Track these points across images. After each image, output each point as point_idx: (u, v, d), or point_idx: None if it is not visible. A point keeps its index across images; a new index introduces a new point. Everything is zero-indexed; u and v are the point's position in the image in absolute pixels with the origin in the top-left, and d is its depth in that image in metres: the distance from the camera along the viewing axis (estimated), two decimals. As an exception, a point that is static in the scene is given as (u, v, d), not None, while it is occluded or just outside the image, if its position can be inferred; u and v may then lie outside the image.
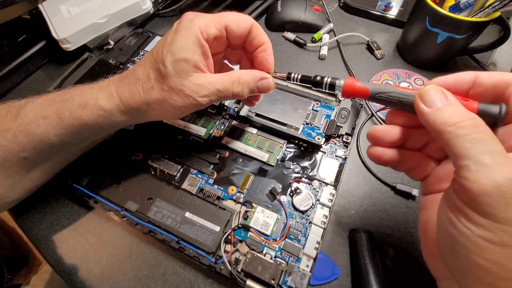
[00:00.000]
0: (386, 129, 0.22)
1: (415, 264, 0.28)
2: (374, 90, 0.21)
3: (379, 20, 0.50)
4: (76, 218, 0.32)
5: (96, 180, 0.32)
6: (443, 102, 0.17)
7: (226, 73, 0.25)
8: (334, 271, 0.28)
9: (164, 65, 0.23)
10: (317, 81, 0.24)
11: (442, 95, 0.18)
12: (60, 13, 0.42)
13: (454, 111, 0.17)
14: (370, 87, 0.21)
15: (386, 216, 0.31)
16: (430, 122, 0.17)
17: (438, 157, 0.22)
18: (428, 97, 0.18)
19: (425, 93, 0.18)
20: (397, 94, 0.20)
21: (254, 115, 0.36)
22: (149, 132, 0.35)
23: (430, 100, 0.18)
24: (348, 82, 0.22)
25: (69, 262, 0.29)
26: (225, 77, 0.25)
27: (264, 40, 0.26)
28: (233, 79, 0.25)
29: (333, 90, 0.24)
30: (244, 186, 0.31)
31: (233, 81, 0.25)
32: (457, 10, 0.37)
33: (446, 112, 0.17)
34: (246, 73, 0.26)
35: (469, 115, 0.16)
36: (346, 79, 0.23)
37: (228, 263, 0.26)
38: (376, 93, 0.21)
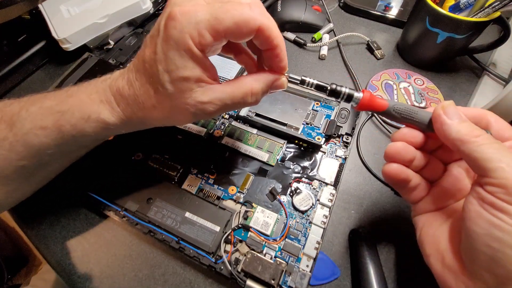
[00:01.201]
0: (404, 147, 0.23)
1: (415, 264, 0.28)
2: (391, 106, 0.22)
3: (379, 20, 0.50)
4: (76, 218, 0.32)
5: (96, 180, 0.32)
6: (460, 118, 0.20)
7: (235, 83, 0.22)
8: (334, 271, 0.28)
9: (163, 87, 0.21)
10: (333, 89, 0.23)
11: (459, 112, 0.20)
12: (60, 13, 0.42)
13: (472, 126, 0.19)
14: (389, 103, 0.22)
15: (386, 216, 0.31)
16: (453, 132, 0.19)
17: (432, 178, 0.24)
18: (450, 111, 0.20)
19: (448, 107, 0.20)
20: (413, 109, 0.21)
21: (254, 115, 0.36)
22: (149, 132, 0.35)
23: (451, 114, 0.20)
24: (367, 96, 0.22)
25: (69, 262, 0.29)
26: (234, 89, 0.22)
27: (275, 44, 0.21)
28: (244, 91, 0.22)
29: (349, 101, 0.23)
30: (244, 186, 0.31)
31: (244, 93, 0.22)
32: (457, 10, 0.37)
33: (465, 126, 0.19)
34: (257, 80, 0.22)
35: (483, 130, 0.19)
36: (364, 92, 0.22)
37: (228, 263, 0.26)
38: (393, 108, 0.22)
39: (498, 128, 0.21)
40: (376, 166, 0.34)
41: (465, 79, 0.42)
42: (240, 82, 0.22)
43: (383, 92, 0.40)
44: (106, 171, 0.32)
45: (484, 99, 0.37)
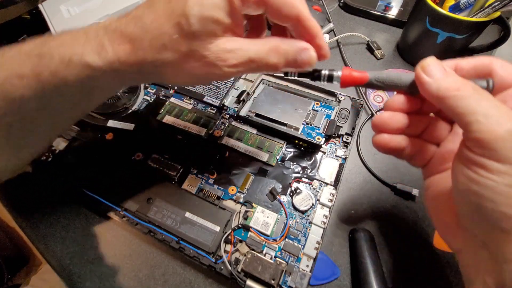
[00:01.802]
0: (391, 115, 0.22)
1: (415, 264, 0.28)
2: (372, 76, 0.22)
3: (379, 20, 0.50)
4: (76, 218, 0.32)
5: (96, 180, 0.32)
6: (443, 73, 0.18)
7: (261, 39, 0.20)
8: (334, 271, 0.28)
9: (188, 21, 0.17)
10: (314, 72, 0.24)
11: (441, 67, 0.19)
12: (60, 13, 0.42)
13: (454, 79, 0.18)
14: (368, 73, 0.22)
15: (386, 216, 0.31)
16: (434, 91, 0.18)
17: (436, 140, 0.23)
18: (430, 68, 0.19)
19: (427, 65, 0.19)
20: (394, 75, 0.21)
21: (254, 115, 0.36)
22: (149, 132, 0.35)
23: (431, 71, 0.19)
24: (346, 72, 0.23)
25: (69, 262, 0.29)
26: (261, 44, 0.20)
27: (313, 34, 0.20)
28: (269, 47, 0.20)
29: (332, 81, 0.24)
30: (244, 186, 0.31)
31: (269, 48, 0.20)
32: (457, 10, 0.37)
33: (447, 80, 0.18)
34: (284, 41, 0.20)
35: (468, 82, 0.18)
36: (343, 69, 0.23)
37: (228, 263, 0.26)
38: (374, 78, 0.22)
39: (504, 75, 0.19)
40: (376, 166, 0.34)
41: (465, 79, 0.42)
42: (267, 38, 0.20)
43: (383, 92, 0.40)
44: (106, 171, 0.32)
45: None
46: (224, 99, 0.38)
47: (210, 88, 0.39)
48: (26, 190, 0.33)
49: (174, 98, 0.38)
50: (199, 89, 0.39)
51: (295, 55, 0.21)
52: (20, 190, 0.31)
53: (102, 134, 0.35)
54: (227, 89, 0.38)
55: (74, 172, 0.32)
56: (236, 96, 0.38)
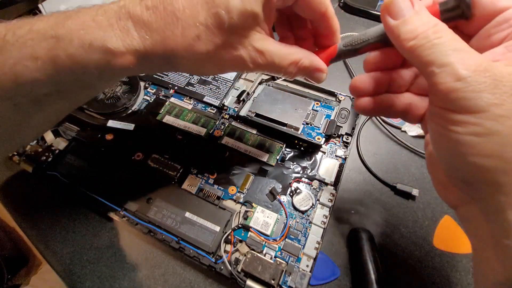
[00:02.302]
0: (367, 76, 0.21)
1: (415, 264, 0.28)
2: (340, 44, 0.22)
3: (379, 20, 0.50)
4: (76, 218, 0.32)
5: (96, 180, 0.32)
6: (409, 11, 0.16)
7: (287, 46, 0.20)
8: (334, 271, 0.28)
9: (229, 12, 0.17)
10: None
11: (409, 3, 0.17)
12: (60, 13, 0.42)
13: (419, 21, 0.16)
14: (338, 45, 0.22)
15: (386, 216, 0.31)
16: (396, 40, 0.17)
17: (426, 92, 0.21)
18: (395, 7, 0.17)
19: (391, 3, 0.17)
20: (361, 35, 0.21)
21: (254, 115, 0.36)
22: (149, 132, 0.35)
23: (397, 10, 0.17)
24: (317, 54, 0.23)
25: (69, 262, 0.29)
26: (286, 52, 0.20)
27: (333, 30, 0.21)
28: (293, 59, 0.20)
29: None
30: (244, 186, 0.31)
31: (292, 61, 0.20)
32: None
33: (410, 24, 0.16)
34: (307, 56, 0.21)
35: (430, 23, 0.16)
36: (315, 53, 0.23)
37: (228, 263, 0.26)
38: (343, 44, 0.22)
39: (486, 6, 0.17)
40: (376, 166, 0.34)
41: (465, 79, 0.42)
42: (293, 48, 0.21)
43: (383, 92, 0.40)
44: (106, 171, 0.32)
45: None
46: (224, 99, 0.38)
47: (210, 88, 0.39)
48: (26, 190, 0.33)
49: (174, 98, 0.38)
50: (199, 89, 0.39)
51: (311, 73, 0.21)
52: (20, 190, 0.31)
53: (102, 134, 0.35)
54: (227, 89, 0.38)
55: (74, 172, 0.32)
56: (236, 96, 0.38)
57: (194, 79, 0.40)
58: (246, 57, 0.19)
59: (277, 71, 0.20)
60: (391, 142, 0.36)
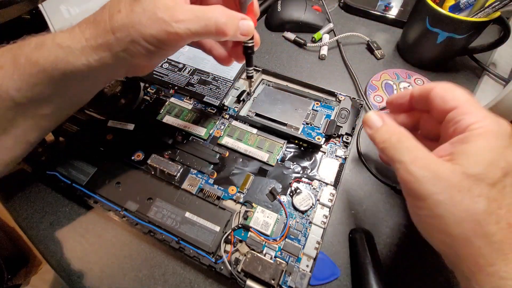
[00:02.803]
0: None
1: (415, 264, 0.28)
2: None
3: (379, 20, 0.50)
4: (76, 218, 0.32)
5: (96, 180, 0.32)
6: (379, 124, 0.23)
7: (207, 6, 0.22)
8: (334, 271, 0.28)
9: None
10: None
11: (379, 118, 0.23)
12: (60, 13, 0.42)
13: (385, 131, 0.22)
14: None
15: (386, 216, 0.31)
16: (374, 143, 0.23)
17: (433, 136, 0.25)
18: (370, 121, 0.24)
19: (368, 118, 0.24)
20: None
21: (254, 115, 0.36)
22: (149, 132, 0.35)
23: (371, 123, 0.23)
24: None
25: (69, 262, 0.29)
26: (207, 7, 0.22)
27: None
28: (215, 9, 0.22)
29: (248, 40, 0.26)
30: (244, 186, 0.31)
31: (215, 10, 0.21)
32: (457, 10, 0.37)
33: (379, 132, 0.22)
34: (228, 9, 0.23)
35: (394, 131, 0.22)
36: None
37: (228, 263, 0.26)
38: None
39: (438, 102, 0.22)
40: (376, 166, 0.34)
41: (465, 79, 0.42)
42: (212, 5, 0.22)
43: (383, 92, 0.40)
44: (106, 171, 0.32)
45: (484, 99, 0.37)
46: (224, 99, 0.38)
47: (210, 88, 0.39)
48: (25, 190, 0.33)
49: (174, 98, 0.38)
50: (199, 89, 0.39)
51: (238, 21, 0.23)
52: (20, 190, 0.31)
53: (102, 134, 0.35)
54: (227, 89, 0.38)
55: (74, 172, 0.32)
56: (236, 96, 0.38)
57: (194, 79, 0.40)
58: (164, 16, 0.20)
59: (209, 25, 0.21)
60: (391, 142, 0.36)
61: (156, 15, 0.20)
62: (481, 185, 0.17)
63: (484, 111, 0.20)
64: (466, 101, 0.20)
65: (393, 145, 0.21)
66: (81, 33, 0.21)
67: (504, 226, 0.17)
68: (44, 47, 0.21)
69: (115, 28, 0.21)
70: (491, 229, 0.17)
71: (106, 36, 0.21)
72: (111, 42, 0.21)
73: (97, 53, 0.22)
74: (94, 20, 0.22)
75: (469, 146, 0.19)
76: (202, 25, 0.21)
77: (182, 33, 0.21)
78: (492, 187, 0.17)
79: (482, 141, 0.18)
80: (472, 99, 0.20)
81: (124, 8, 0.21)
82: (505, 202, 0.17)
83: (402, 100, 0.25)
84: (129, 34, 0.21)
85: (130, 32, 0.20)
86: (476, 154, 0.18)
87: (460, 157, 0.19)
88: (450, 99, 0.21)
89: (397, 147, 0.21)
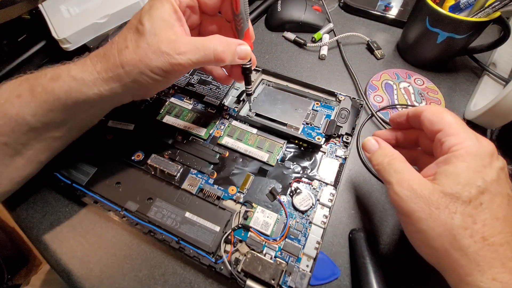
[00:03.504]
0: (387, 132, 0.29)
1: (415, 264, 0.28)
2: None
3: (379, 20, 0.50)
4: (76, 218, 0.32)
5: (96, 180, 0.32)
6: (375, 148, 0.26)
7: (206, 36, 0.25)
8: (334, 271, 0.28)
9: (142, 23, 0.23)
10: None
11: (375, 142, 0.26)
12: (60, 13, 0.42)
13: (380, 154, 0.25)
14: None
15: (386, 216, 0.31)
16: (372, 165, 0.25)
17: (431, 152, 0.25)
18: (367, 146, 0.26)
19: (365, 143, 0.27)
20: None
21: (254, 115, 0.36)
22: (149, 132, 0.35)
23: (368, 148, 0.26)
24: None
25: (69, 262, 0.29)
26: (205, 38, 0.25)
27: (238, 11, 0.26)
28: (213, 39, 0.25)
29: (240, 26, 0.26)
30: (244, 186, 0.31)
31: (213, 40, 0.24)
32: (457, 10, 0.37)
33: (375, 156, 0.25)
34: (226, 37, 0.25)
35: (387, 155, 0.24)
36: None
37: (228, 263, 0.26)
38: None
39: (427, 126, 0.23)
40: (376, 166, 0.34)
41: (465, 79, 0.42)
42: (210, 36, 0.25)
43: (383, 92, 0.40)
44: (106, 171, 0.32)
45: (484, 99, 0.37)
46: (224, 99, 0.38)
47: (210, 88, 0.39)
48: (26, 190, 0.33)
49: (174, 98, 0.38)
50: (199, 89, 0.39)
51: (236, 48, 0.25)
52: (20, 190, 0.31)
53: (102, 134, 0.35)
54: (227, 89, 0.38)
55: (74, 172, 0.32)
56: (236, 96, 0.38)
57: (194, 79, 0.40)
58: (167, 50, 0.23)
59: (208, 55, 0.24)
60: (391, 142, 0.36)
61: (160, 49, 0.23)
62: (457, 203, 0.19)
63: (468, 133, 0.21)
64: (451, 124, 0.22)
65: (384, 167, 0.23)
66: (92, 66, 0.24)
67: (478, 240, 0.19)
68: (60, 78, 0.24)
69: (124, 63, 0.23)
70: (466, 242, 0.19)
71: (116, 70, 0.24)
72: (121, 75, 0.24)
73: (108, 84, 0.24)
74: (104, 55, 0.24)
75: (449, 167, 0.20)
76: (202, 55, 0.24)
77: (184, 63, 0.23)
78: (467, 204, 0.19)
79: (461, 162, 0.20)
80: (457, 121, 0.22)
81: (131, 44, 0.23)
82: (480, 218, 0.19)
83: (401, 119, 0.27)
84: (137, 67, 0.23)
85: (138, 65, 0.23)
86: (455, 174, 0.20)
87: (441, 177, 0.20)
88: (436, 121, 0.22)
89: (387, 169, 0.23)
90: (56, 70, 0.25)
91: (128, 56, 0.23)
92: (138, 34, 0.23)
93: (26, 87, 0.24)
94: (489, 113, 0.33)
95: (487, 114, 0.34)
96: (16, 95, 0.24)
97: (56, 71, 0.25)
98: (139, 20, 0.24)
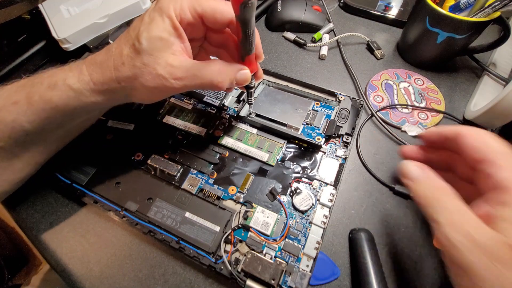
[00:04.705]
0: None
1: (415, 264, 0.28)
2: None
3: (379, 20, 0.50)
4: (76, 218, 0.32)
5: (96, 180, 0.32)
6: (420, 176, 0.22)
7: (206, 61, 0.24)
8: (334, 271, 0.28)
9: (139, 41, 0.23)
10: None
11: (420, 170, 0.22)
12: (60, 13, 0.42)
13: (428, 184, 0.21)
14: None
15: (386, 216, 0.31)
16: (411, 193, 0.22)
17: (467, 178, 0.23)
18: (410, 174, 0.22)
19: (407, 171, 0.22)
20: None
21: (254, 115, 0.36)
22: (149, 132, 0.35)
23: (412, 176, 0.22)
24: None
25: (69, 262, 0.29)
26: (204, 64, 0.24)
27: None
28: (213, 66, 0.24)
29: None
30: (244, 186, 0.31)
31: (212, 68, 0.24)
32: (457, 10, 0.37)
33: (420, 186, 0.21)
34: (226, 63, 0.25)
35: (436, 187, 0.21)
36: None
37: (228, 263, 0.26)
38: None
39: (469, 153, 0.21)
40: (376, 166, 0.34)
41: (465, 79, 0.42)
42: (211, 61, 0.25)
43: (383, 92, 0.40)
44: (106, 171, 0.32)
45: (484, 99, 0.37)
46: (224, 99, 0.38)
47: (210, 88, 0.39)
48: (26, 190, 0.33)
49: (174, 98, 0.38)
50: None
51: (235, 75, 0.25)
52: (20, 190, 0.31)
53: (102, 134, 0.35)
54: (227, 89, 0.38)
55: (74, 172, 0.32)
56: (236, 96, 0.38)
57: (194, 79, 0.40)
58: (163, 73, 0.23)
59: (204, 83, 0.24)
60: (391, 142, 0.36)
61: (156, 71, 0.23)
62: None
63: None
64: (499, 153, 0.19)
65: (431, 202, 0.20)
66: (89, 75, 0.24)
67: None
68: (57, 87, 0.24)
69: (120, 79, 0.24)
70: None
71: (112, 84, 0.24)
72: (117, 88, 0.24)
73: (104, 94, 0.25)
74: (101, 65, 0.24)
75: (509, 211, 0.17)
76: (198, 83, 0.24)
77: (179, 88, 0.24)
78: None
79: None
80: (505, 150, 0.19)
81: (127, 61, 0.23)
82: None
83: (434, 138, 0.25)
84: (132, 84, 0.24)
85: (133, 83, 0.23)
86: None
87: (501, 223, 0.17)
88: (480, 148, 0.20)
89: (434, 205, 0.20)
90: (53, 77, 0.25)
91: (124, 73, 0.23)
92: (135, 52, 0.23)
93: (23, 95, 0.24)
94: (489, 113, 0.33)
95: (487, 114, 0.34)
96: (12, 102, 0.24)
97: (52, 78, 0.24)
98: (136, 36, 0.23)
